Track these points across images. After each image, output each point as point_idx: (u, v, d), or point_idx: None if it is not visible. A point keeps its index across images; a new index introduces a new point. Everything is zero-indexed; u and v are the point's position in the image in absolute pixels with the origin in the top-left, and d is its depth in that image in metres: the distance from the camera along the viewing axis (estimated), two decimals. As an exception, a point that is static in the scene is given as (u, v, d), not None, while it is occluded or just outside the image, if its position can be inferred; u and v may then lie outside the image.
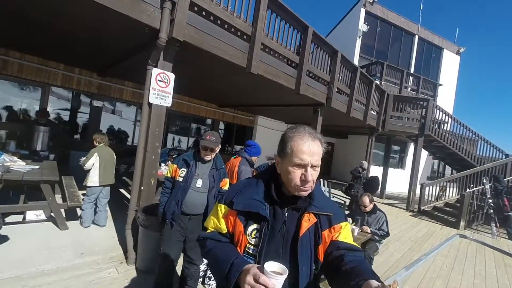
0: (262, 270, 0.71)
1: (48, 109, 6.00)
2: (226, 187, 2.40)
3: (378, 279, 0.76)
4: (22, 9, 2.97)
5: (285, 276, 0.71)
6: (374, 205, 3.57)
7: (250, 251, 0.89)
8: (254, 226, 0.90)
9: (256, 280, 0.70)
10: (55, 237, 3.22)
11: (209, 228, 1.01)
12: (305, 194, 0.89)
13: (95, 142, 3.72)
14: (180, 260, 2.33)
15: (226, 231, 0.96)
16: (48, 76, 5.70)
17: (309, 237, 0.89)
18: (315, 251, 0.90)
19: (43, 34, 3.83)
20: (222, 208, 0.98)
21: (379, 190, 10.22)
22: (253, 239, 0.89)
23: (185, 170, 2.24)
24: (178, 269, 2.41)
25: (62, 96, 6.20)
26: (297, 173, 0.86)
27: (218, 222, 0.98)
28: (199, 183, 2.22)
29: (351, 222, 3.50)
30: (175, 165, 2.31)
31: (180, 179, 2.23)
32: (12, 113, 5.63)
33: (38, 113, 5.18)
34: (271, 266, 0.74)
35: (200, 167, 2.27)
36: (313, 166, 0.86)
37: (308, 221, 0.89)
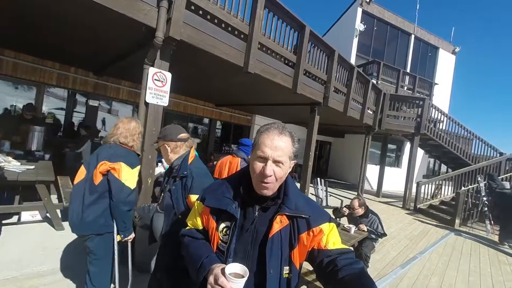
0: (223, 271, 0.74)
1: (44, 108, 5.95)
2: None
3: (371, 285, 0.76)
4: (17, 8, 2.93)
5: (244, 279, 0.73)
6: (367, 208, 3.52)
7: (221, 248, 0.90)
8: (225, 223, 0.91)
9: (216, 281, 0.73)
10: (51, 237, 3.19)
11: (188, 225, 1.05)
12: (266, 192, 0.85)
13: None
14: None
15: (202, 227, 0.99)
16: (43, 75, 5.65)
17: (280, 240, 0.86)
18: (290, 254, 0.88)
19: (38, 33, 3.79)
20: (198, 205, 1.01)
21: (376, 188, 10.31)
22: (224, 236, 0.90)
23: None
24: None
25: (57, 96, 6.15)
26: (258, 166, 0.84)
27: (195, 218, 1.02)
28: (160, 200, 1.65)
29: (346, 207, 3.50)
30: None
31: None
32: (6, 113, 5.56)
33: (25, 108, 5.04)
34: (233, 267, 0.76)
35: (169, 179, 1.66)
36: (276, 162, 0.83)
37: (279, 223, 0.86)
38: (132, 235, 1.84)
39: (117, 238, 1.76)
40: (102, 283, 1.82)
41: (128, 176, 1.68)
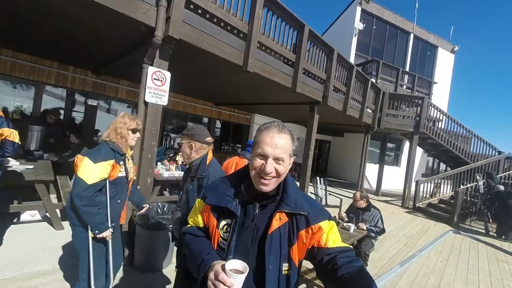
0: (224, 267, 0.75)
1: (42, 108, 5.92)
2: None
3: (371, 282, 0.76)
4: (15, 7, 2.92)
5: (244, 275, 0.73)
6: (369, 202, 3.60)
7: (222, 245, 0.91)
8: (226, 221, 0.92)
9: (216, 277, 0.74)
10: (51, 237, 3.19)
11: (189, 223, 1.06)
12: (265, 189, 0.86)
13: None
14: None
15: (203, 225, 1.00)
16: (41, 74, 5.63)
17: (279, 236, 0.87)
18: (289, 251, 0.89)
19: (37, 33, 3.77)
20: (199, 203, 1.03)
21: (375, 187, 10.34)
22: (225, 234, 0.91)
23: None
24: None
25: (56, 95, 6.13)
26: (258, 163, 0.86)
27: (196, 216, 1.03)
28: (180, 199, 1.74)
29: (345, 216, 3.54)
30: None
31: None
32: (4, 112, 5.54)
33: (50, 112, 5.19)
34: (233, 264, 0.77)
35: (187, 177, 1.75)
36: (276, 159, 0.85)
37: (278, 220, 0.87)
38: (105, 234, 1.72)
39: (91, 234, 1.72)
40: (81, 277, 1.80)
41: (87, 170, 1.63)
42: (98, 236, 1.69)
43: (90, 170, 1.64)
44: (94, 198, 1.66)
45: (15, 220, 3.42)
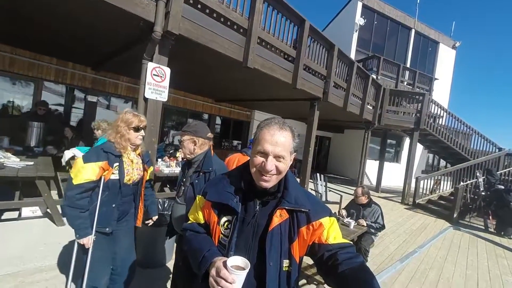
0: (225, 264, 0.75)
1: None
2: None
3: (371, 278, 0.76)
4: (13, 5, 2.89)
5: (246, 271, 0.74)
6: (370, 198, 3.62)
7: (223, 242, 0.91)
8: (227, 217, 0.92)
9: (218, 273, 0.74)
10: (52, 233, 3.21)
11: (190, 219, 1.06)
12: (266, 185, 0.87)
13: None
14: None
15: (204, 221, 1.00)
16: (40, 70, 5.60)
17: (280, 233, 0.87)
18: (289, 247, 0.89)
19: (36, 28, 3.74)
20: (200, 199, 1.02)
21: (375, 183, 10.36)
22: (226, 230, 0.91)
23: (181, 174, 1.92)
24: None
25: (55, 91, 6.10)
26: (258, 160, 0.86)
27: (197, 213, 1.02)
28: (181, 193, 1.81)
29: (345, 215, 3.56)
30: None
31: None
32: (3, 109, 5.53)
33: (38, 104, 5.14)
34: (234, 260, 0.77)
35: (188, 172, 1.81)
36: (277, 157, 0.85)
37: (279, 216, 0.87)
38: (83, 241, 1.60)
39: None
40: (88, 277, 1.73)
41: (76, 169, 1.58)
42: (77, 241, 1.62)
43: (79, 170, 1.57)
44: (76, 201, 1.57)
45: (16, 216, 3.43)
